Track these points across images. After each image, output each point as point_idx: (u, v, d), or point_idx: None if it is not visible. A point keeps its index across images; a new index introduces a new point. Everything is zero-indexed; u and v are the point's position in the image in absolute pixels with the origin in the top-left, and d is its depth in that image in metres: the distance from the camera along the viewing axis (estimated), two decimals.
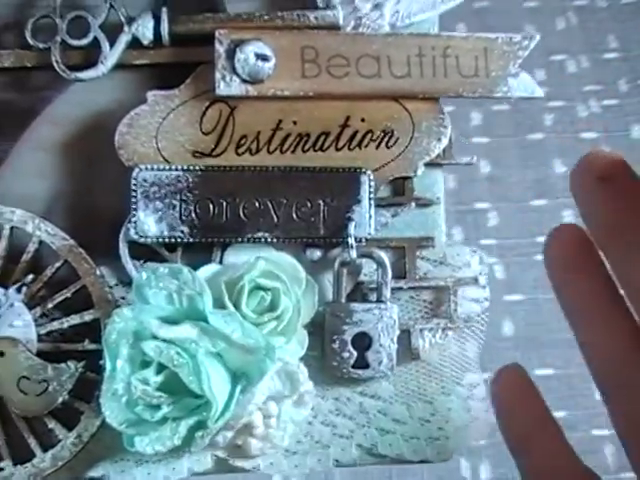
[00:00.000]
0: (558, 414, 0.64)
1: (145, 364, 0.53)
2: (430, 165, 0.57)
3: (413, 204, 0.58)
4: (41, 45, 0.56)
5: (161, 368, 0.52)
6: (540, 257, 0.65)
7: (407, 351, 0.57)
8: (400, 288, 0.57)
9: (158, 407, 0.52)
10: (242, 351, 0.52)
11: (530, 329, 0.87)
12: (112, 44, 0.56)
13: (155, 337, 0.52)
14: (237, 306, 0.53)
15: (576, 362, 0.73)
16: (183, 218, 0.55)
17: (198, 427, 0.52)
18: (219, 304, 0.54)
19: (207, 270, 0.55)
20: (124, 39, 0.56)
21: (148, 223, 0.55)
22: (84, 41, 0.56)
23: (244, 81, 0.55)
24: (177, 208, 0.55)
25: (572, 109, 0.92)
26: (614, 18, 0.93)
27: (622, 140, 0.80)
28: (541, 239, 0.76)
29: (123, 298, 0.56)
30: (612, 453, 0.75)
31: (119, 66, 0.56)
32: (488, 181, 0.58)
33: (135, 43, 0.56)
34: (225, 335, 0.52)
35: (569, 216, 0.75)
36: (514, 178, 0.86)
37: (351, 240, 0.55)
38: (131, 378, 0.52)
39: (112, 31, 0.56)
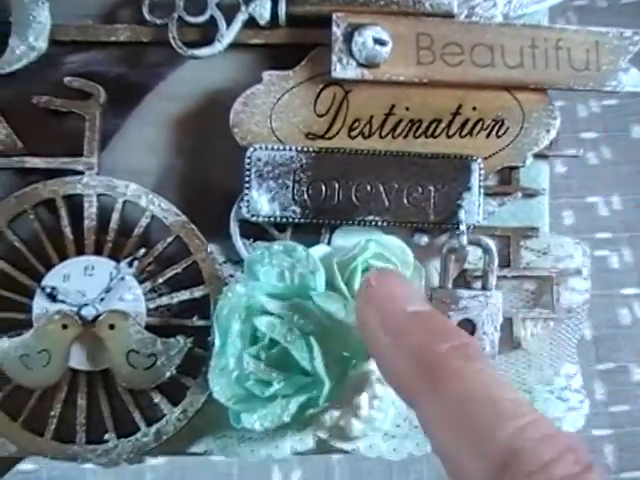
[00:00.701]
0: None
1: (255, 340, 0.53)
2: (536, 156, 0.58)
3: (519, 194, 0.58)
4: (158, 21, 0.56)
5: (273, 344, 0.53)
6: None
7: (508, 339, 0.58)
8: (504, 277, 0.58)
9: (269, 383, 0.52)
10: (352, 330, 0.52)
11: None
12: (228, 23, 0.56)
13: (268, 313, 0.52)
14: (349, 287, 0.54)
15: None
16: (296, 198, 0.55)
17: (308, 405, 0.53)
18: (330, 284, 0.54)
19: (318, 250, 0.55)
20: (241, 18, 0.56)
21: (261, 202, 0.55)
22: (201, 18, 0.56)
23: (360, 65, 0.56)
24: (290, 188, 0.55)
25: (572, 109, 0.92)
26: (614, 18, 0.92)
27: (622, 140, 0.80)
28: None
29: (231, 276, 0.57)
30: (612, 453, 0.75)
31: (233, 45, 0.57)
32: None
33: (251, 22, 0.57)
34: (333, 314, 0.52)
35: (569, 216, 0.75)
36: None
37: (462, 227, 0.55)
38: (243, 353, 0.52)
39: (228, 10, 0.56)
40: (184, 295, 0.55)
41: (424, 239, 0.57)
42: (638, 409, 0.76)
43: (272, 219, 0.55)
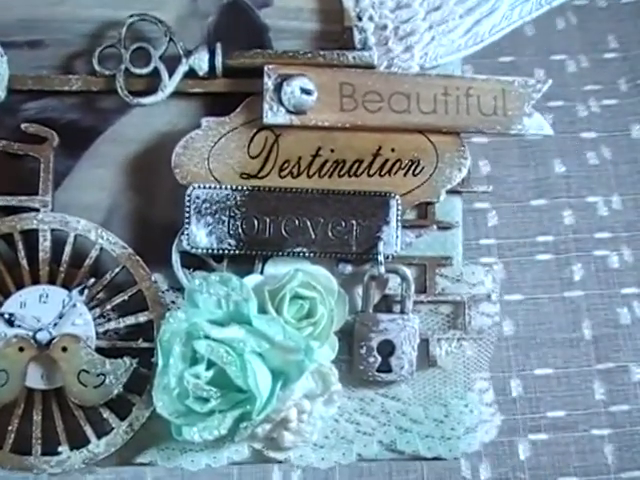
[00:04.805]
0: (558, 414, 0.67)
1: (194, 361, 0.59)
2: (450, 192, 0.64)
3: (435, 227, 0.64)
4: (107, 72, 0.62)
5: (210, 365, 0.58)
6: (540, 257, 0.68)
7: (425, 358, 0.64)
8: (421, 302, 0.64)
9: (207, 400, 0.58)
10: (283, 352, 0.58)
11: (530, 329, 0.88)
12: (170, 73, 0.62)
13: (206, 337, 0.58)
14: (279, 312, 0.60)
15: (576, 362, 0.76)
16: (231, 232, 0.61)
17: (242, 419, 0.58)
18: (262, 310, 0.60)
19: (251, 279, 0.61)
20: (182, 69, 0.63)
21: (199, 236, 0.61)
22: (145, 70, 0.62)
23: (289, 112, 0.62)
24: (226, 223, 0.61)
25: (572, 109, 0.92)
26: (614, 18, 0.93)
27: (622, 140, 0.81)
28: (541, 239, 0.78)
29: (173, 302, 0.62)
30: (612, 453, 0.76)
31: (175, 93, 0.63)
32: (488, 181, 0.62)
33: (191, 73, 0.63)
34: (269, 337, 0.58)
35: (569, 216, 0.76)
36: (514, 178, 0.87)
37: (380, 257, 0.62)
38: (184, 373, 0.58)
39: (170, 61, 0.63)
40: (130, 320, 0.61)
41: (348, 268, 0.63)
42: (638, 409, 0.76)
43: (210, 251, 0.61)
